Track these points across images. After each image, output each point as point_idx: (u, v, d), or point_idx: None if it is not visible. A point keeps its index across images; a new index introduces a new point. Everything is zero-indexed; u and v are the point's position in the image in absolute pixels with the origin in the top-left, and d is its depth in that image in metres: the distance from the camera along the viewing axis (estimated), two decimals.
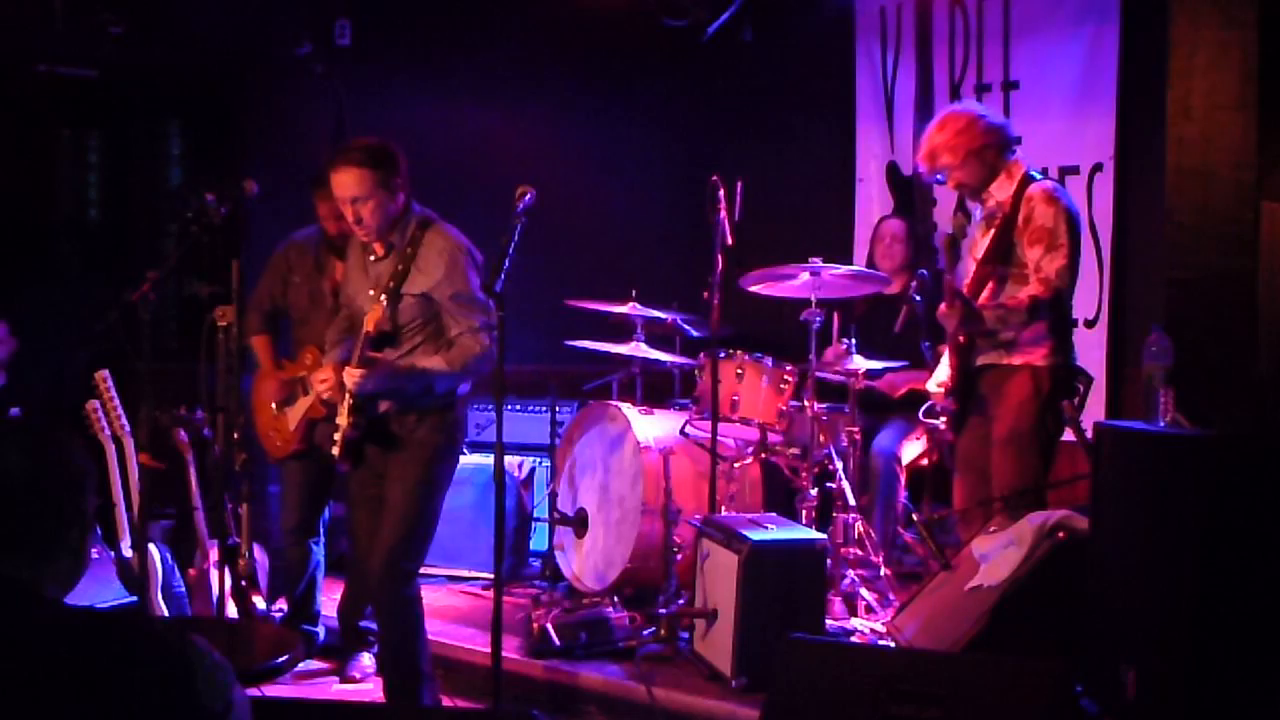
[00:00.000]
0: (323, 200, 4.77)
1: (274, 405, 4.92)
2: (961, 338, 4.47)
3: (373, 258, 4.14)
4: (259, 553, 5.08)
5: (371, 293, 4.09)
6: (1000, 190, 4.44)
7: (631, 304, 5.61)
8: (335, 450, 4.08)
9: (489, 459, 5.43)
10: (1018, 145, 4.54)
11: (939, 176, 4.56)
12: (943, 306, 4.35)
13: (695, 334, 5.87)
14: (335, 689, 4.78)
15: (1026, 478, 4.35)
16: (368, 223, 4.01)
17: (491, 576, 4.84)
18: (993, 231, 4.42)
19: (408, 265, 4.03)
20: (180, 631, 1.72)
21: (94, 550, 4.65)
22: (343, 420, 4.06)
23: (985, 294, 4.43)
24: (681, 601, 4.82)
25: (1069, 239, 4.31)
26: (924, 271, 5.18)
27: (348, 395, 4.03)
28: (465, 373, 4.05)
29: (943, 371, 4.66)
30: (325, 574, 5.12)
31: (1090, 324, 5.73)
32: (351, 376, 3.98)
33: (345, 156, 4.00)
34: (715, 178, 4.91)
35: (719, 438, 4.99)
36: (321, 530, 5.05)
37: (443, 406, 4.09)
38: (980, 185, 4.48)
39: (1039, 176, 4.46)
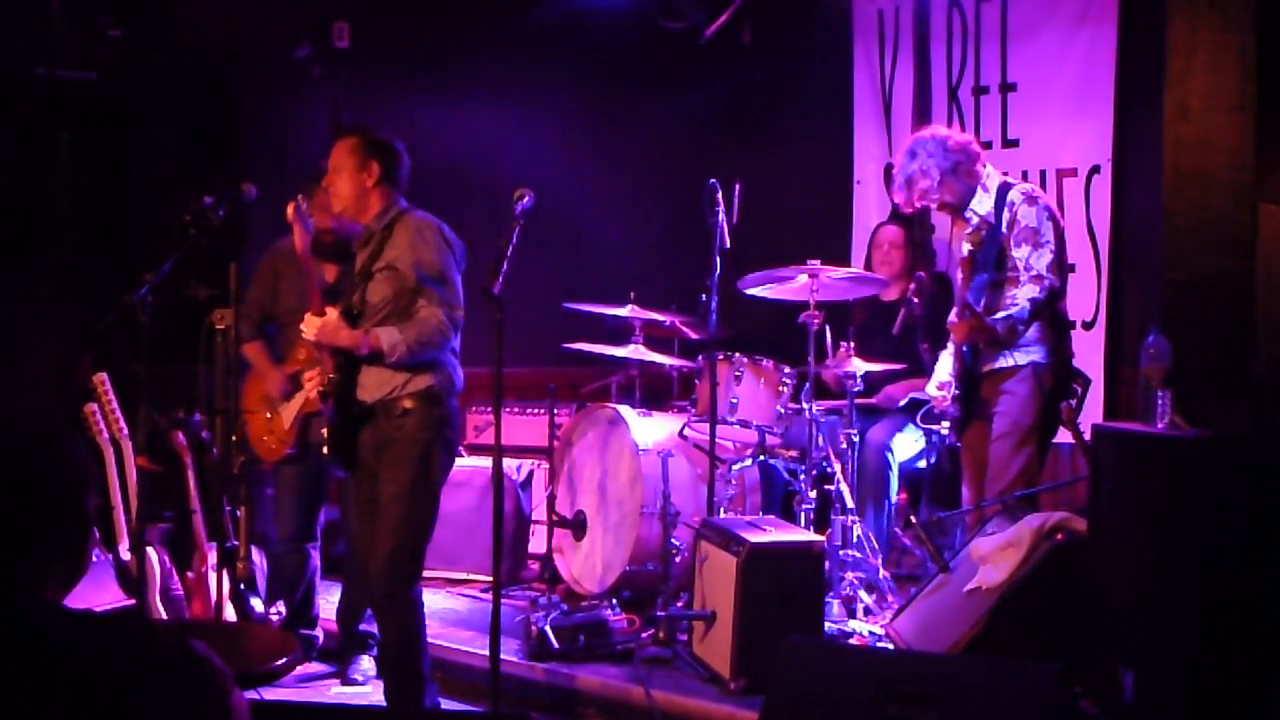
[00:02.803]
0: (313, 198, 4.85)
1: (269, 406, 4.92)
2: (965, 347, 4.56)
3: (362, 247, 4.24)
4: (257, 556, 5.08)
5: (358, 281, 4.17)
6: (981, 205, 4.62)
7: (630, 306, 5.61)
8: (325, 448, 4.11)
9: (487, 461, 5.43)
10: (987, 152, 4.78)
11: (924, 203, 4.69)
12: (953, 316, 4.47)
13: (694, 336, 5.86)
14: (334, 692, 4.78)
15: (1025, 473, 4.45)
16: (337, 190, 4.21)
17: (490, 579, 4.84)
18: (982, 243, 4.56)
19: (381, 246, 4.14)
20: (179, 635, 1.71)
21: (93, 553, 4.65)
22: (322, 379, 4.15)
23: (982, 303, 4.55)
24: (680, 604, 4.82)
25: (1053, 235, 4.53)
26: (921, 274, 5.19)
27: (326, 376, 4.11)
28: (421, 342, 4.05)
29: (942, 372, 4.72)
30: (322, 577, 5.12)
31: (1088, 326, 5.72)
32: (308, 326, 4.10)
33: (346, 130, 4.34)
34: (713, 180, 4.92)
35: (717, 440, 4.98)
36: (318, 534, 5.05)
37: (427, 400, 4.09)
38: (963, 203, 4.66)
39: (1014, 182, 4.67)
